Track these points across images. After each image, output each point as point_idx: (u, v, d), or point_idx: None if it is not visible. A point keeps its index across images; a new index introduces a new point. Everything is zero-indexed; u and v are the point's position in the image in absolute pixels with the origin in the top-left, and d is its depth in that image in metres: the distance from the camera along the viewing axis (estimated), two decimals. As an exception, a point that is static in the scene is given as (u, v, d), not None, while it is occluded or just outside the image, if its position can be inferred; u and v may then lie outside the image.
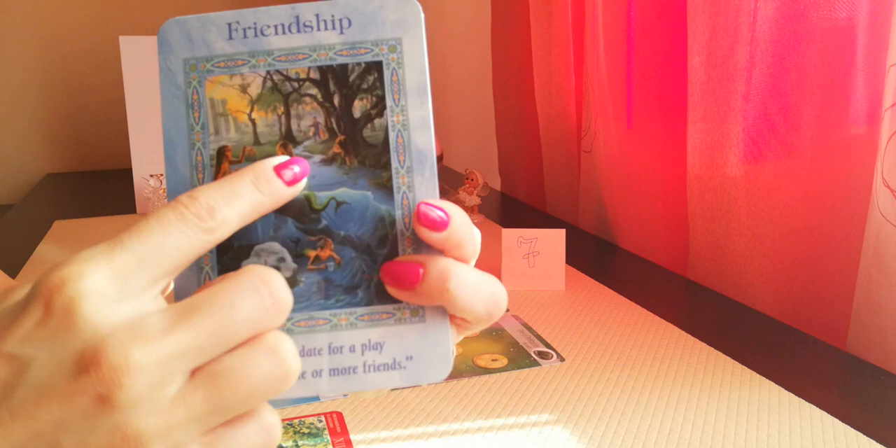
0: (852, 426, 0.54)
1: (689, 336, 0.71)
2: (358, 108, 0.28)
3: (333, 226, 0.28)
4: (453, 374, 0.64)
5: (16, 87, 1.77)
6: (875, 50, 0.71)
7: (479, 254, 0.29)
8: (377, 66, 0.28)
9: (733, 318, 0.77)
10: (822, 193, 0.77)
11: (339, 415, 0.57)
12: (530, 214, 1.28)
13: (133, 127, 1.22)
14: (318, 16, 0.28)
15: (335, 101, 0.29)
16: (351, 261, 0.28)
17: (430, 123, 0.28)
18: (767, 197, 0.80)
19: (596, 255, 1.02)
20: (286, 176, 0.27)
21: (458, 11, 1.73)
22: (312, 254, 0.28)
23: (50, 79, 1.78)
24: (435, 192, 0.28)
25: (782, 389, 0.60)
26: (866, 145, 0.72)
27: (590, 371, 0.64)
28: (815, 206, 0.77)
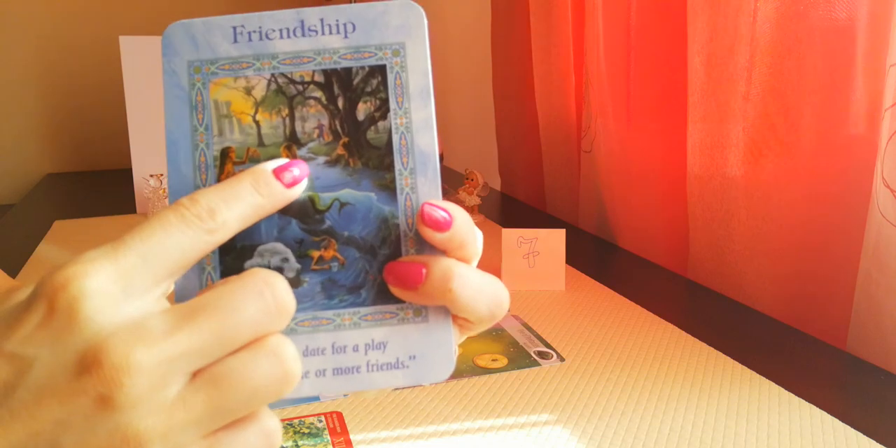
0: (852, 426, 0.54)
1: (689, 336, 0.71)
2: (362, 110, 0.29)
3: (337, 226, 0.28)
4: (453, 374, 0.64)
5: (16, 88, 1.77)
6: (875, 50, 0.71)
7: (481, 254, 0.29)
8: (381, 70, 0.29)
9: (733, 318, 0.77)
10: (821, 193, 0.77)
11: (339, 415, 0.57)
12: (530, 214, 1.28)
13: (133, 127, 1.22)
14: (322, 20, 0.28)
15: (339, 103, 0.29)
16: (354, 261, 0.28)
17: (432, 126, 0.28)
18: (767, 197, 0.80)
19: (596, 255, 1.02)
20: (285, 178, 0.27)
21: (458, 12, 1.73)
22: (316, 254, 0.28)
23: (50, 79, 1.79)
24: (438, 193, 0.28)
25: (782, 389, 0.60)
26: (866, 145, 0.73)
27: (590, 371, 0.64)
28: (814, 206, 0.77)
